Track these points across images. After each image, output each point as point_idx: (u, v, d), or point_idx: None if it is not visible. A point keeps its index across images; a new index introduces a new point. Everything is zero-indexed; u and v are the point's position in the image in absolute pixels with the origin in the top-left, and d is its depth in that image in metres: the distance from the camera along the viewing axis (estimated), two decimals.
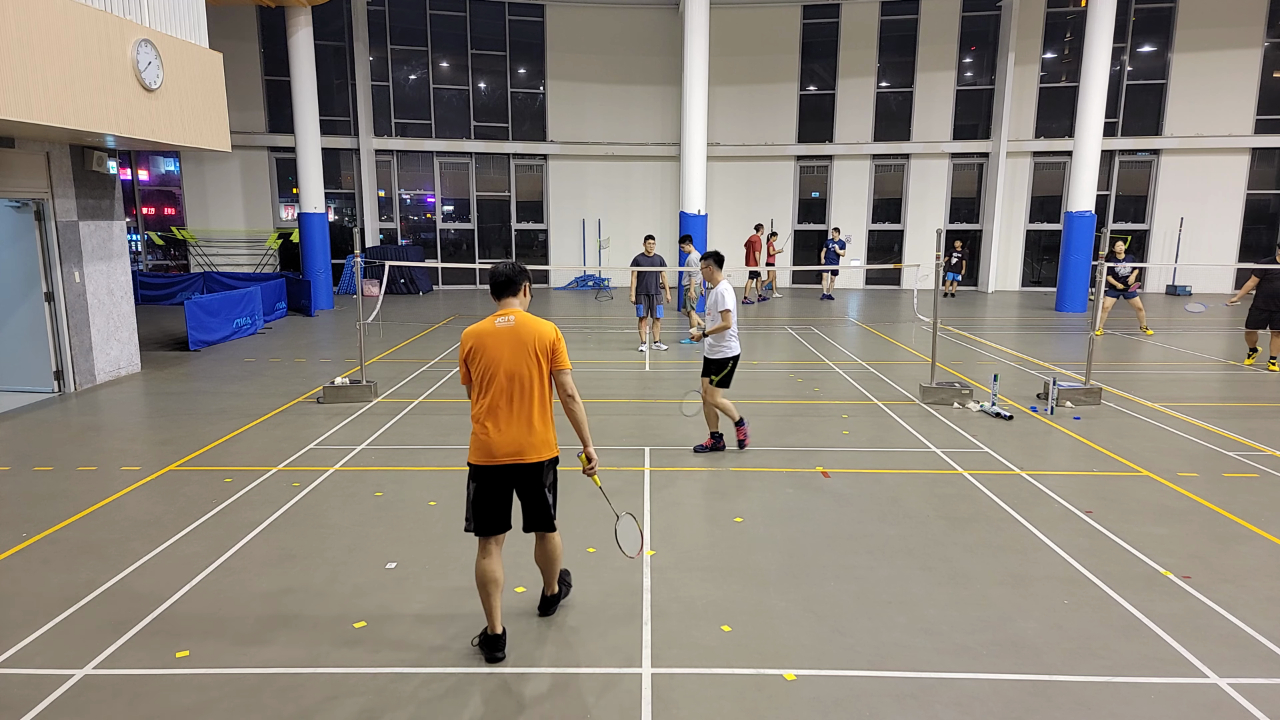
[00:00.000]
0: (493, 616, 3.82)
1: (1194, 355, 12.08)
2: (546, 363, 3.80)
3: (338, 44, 20.78)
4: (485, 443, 3.76)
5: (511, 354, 3.73)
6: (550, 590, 4.25)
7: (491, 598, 3.80)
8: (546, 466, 3.88)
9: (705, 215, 16.72)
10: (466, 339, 3.81)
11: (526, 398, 3.75)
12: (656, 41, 21.72)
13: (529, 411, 3.77)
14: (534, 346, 3.76)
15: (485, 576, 3.80)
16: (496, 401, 3.74)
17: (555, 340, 3.82)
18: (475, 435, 3.79)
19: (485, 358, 3.75)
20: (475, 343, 3.78)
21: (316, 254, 17.33)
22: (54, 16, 7.24)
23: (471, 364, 3.79)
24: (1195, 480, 6.39)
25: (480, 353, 3.76)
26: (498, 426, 3.74)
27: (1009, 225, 21.98)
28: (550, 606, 4.25)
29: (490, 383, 3.74)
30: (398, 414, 8.37)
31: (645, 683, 3.66)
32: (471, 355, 3.79)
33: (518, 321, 3.78)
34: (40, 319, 9.21)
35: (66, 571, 4.75)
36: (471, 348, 3.78)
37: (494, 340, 3.76)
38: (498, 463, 3.76)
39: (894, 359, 11.72)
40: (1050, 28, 21.21)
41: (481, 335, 3.78)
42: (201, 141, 9.52)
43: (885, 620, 4.21)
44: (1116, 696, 3.57)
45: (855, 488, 6.22)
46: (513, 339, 3.75)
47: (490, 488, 3.82)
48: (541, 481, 3.88)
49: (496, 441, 3.74)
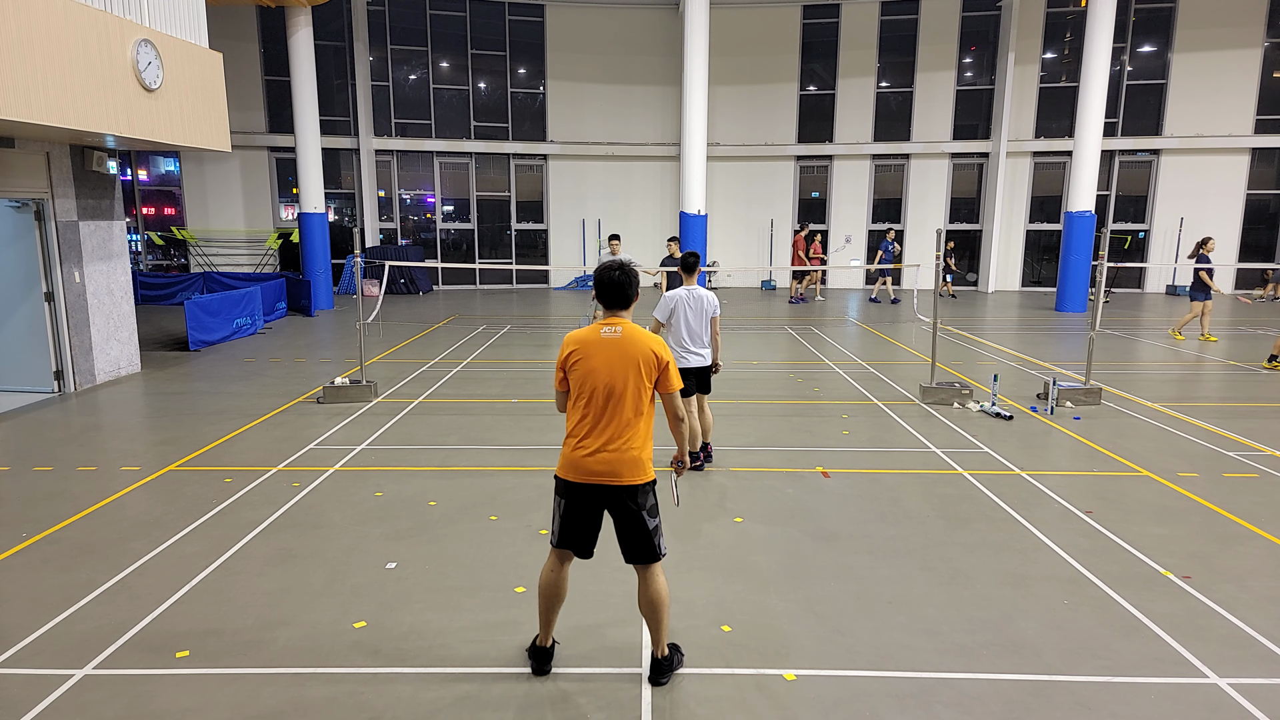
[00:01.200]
0: (548, 630, 3.70)
1: (1194, 355, 12.08)
2: (652, 381, 3.54)
3: (338, 44, 20.78)
4: (575, 459, 3.50)
5: (615, 368, 3.47)
6: (659, 651, 3.65)
7: (551, 611, 3.66)
8: (643, 489, 3.53)
9: (705, 215, 16.72)
10: (568, 344, 3.55)
11: (624, 415, 3.47)
12: (656, 41, 21.72)
13: (626, 430, 3.48)
14: (641, 362, 3.49)
15: (551, 590, 3.63)
16: (592, 416, 3.48)
17: (668, 360, 3.55)
18: (565, 449, 3.56)
19: (586, 368, 3.49)
20: (578, 350, 3.52)
21: (316, 254, 17.34)
22: (54, 16, 7.24)
23: (570, 373, 3.55)
24: (1195, 480, 6.39)
25: (582, 362, 3.50)
26: (590, 443, 3.48)
27: (1009, 225, 21.99)
28: (661, 672, 3.64)
29: (588, 396, 3.49)
30: (398, 414, 8.37)
31: (645, 682, 3.66)
32: (571, 363, 3.54)
33: (624, 333, 3.51)
34: (40, 319, 9.21)
35: (66, 571, 4.74)
36: (572, 354, 3.53)
37: (598, 351, 3.49)
38: (588, 481, 3.49)
39: (894, 359, 11.72)
40: (1050, 28, 21.21)
41: (586, 344, 3.51)
42: (201, 141, 9.52)
43: (885, 620, 4.21)
44: (1116, 696, 3.57)
45: (855, 488, 6.22)
46: (619, 352, 3.48)
47: (581, 507, 3.54)
48: (638, 505, 3.51)
49: (586, 459, 3.48)
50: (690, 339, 6.33)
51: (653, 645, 3.70)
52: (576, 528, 3.57)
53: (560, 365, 3.59)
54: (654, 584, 3.57)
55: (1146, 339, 13.54)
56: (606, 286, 3.58)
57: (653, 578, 3.57)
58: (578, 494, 3.53)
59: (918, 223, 22.28)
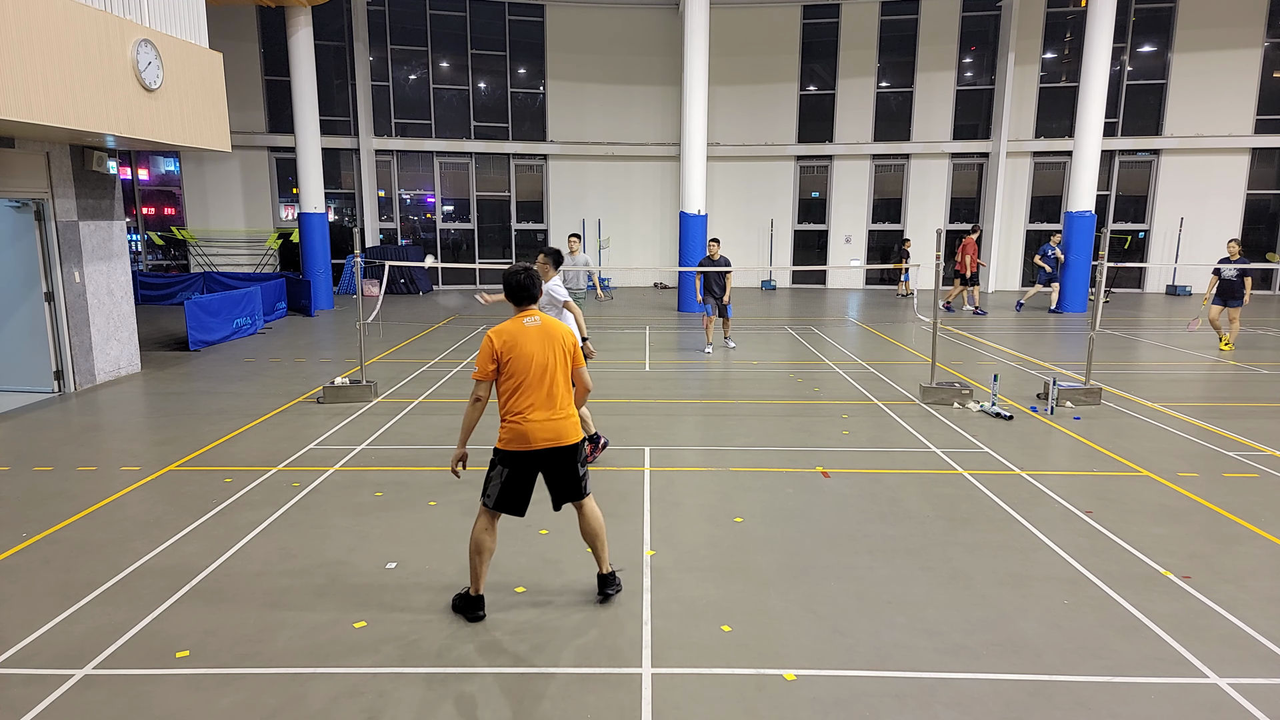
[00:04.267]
0: (480, 581, 4.18)
1: (1194, 355, 12.07)
2: (570, 358, 4.18)
3: (338, 44, 20.78)
4: (523, 431, 4.02)
5: (543, 350, 4.07)
6: (604, 568, 4.38)
7: (484, 564, 4.17)
8: (579, 446, 4.18)
9: (705, 215, 16.73)
10: (498, 336, 4.05)
11: (558, 388, 4.10)
12: (656, 41, 21.72)
13: (561, 400, 4.11)
14: (562, 342, 4.14)
15: (483, 545, 4.14)
16: (532, 393, 4.03)
17: (576, 341, 4.25)
18: (511, 425, 4.04)
19: (520, 354, 4.03)
20: (508, 340, 4.05)
21: (316, 254, 17.34)
22: (54, 16, 7.24)
23: (504, 360, 4.04)
24: (1195, 480, 6.39)
25: (514, 349, 4.03)
26: (536, 416, 4.03)
27: (1009, 225, 21.99)
28: (608, 584, 4.38)
29: (525, 376, 4.03)
30: (398, 414, 8.37)
31: (645, 683, 3.66)
32: (504, 352, 4.03)
33: (544, 321, 4.15)
34: (40, 319, 9.21)
35: (66, 571, 4.74)
36: (504, 344, 4.04)
37: (526, 337, 4.06)
38: (535, 448, 4.04)
39: (894, 359, 11.72)
40: (1050, 28, 21.21)
41: (514, 334, 4.06)
42: (201, 141, 9.52)
43: (885, 620, 4.21)
44: (1116, 696, 3.57)
45: (855, 488, 6.22)
46: (544, 336, 4.10)
47: (522, 472, 4.09)
48: (575, 460, 4.17)
49: (536, 429, 4.02)
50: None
51: (599, 565, 4.38)
52: (516, 492, 4.11)
53: (492, 356, 4.06)
54: (590, 515, 4.29)
55: (1147, 339, 13.53)
56: (514, 288, 4.19)
57: (589, 510, 4.29)
58: (523, 461, 4.08)
59: (918, 223, 22.27)
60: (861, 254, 22.75)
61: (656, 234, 22.90)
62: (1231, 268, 12.05)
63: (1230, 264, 12.07)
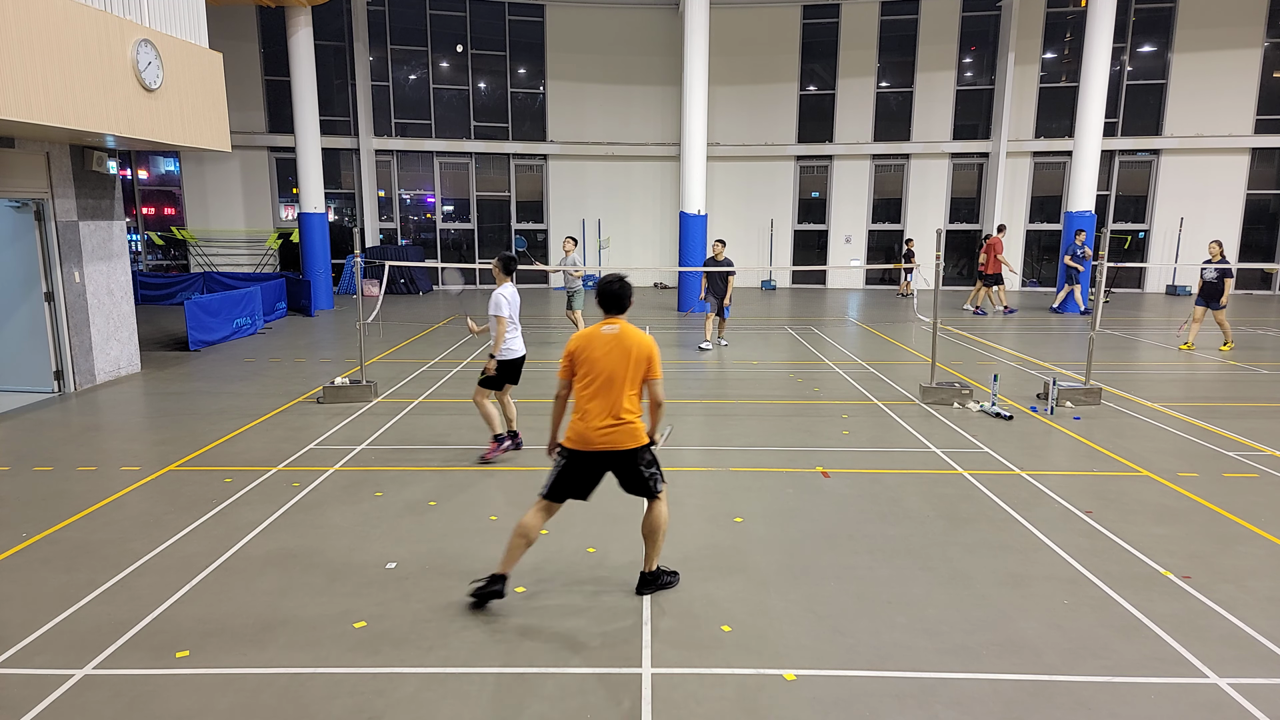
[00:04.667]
0: (512, 564, 4.32)
1: (1194, 355, 12.07)
2: (643, 370, 4.25)
3: (338, 44, 20.78)
4: (582, 431, 4.21)
5: (611, 357, 4.20)
6: (648, 567, 4.48)
7: (521, 549, 4.30)
8: (641, 451, 4.28)
9: (705, 215, 16.73)
10: (576, 339, 4.29)
11: (621, 395, 4.20)
12: (656, 41, 21.72)
13: (624, 407, 4.20)
14: (635, 353, 4.22)
15: (529, 530, 4.28)
16: (596, 397, 4.19)
17: (653, 352, 4.28)
18: (574, 424, 4.26)
19: (589, 358, 4.22)
20: (583, 344, 4.25)
21: (316, 254, 17.33)
22: (54, 16, 7.24)
23: (576, 361, 4.26)
24: (1195, 480, 6.39)
25: (585, 353, 4.23)
26: (595, 420, 4.19)
27: (1010, 225, 21.94)
28: (647, 586, 4.47)
29: (590, 380, 4.21)
30: (398, 414, 8.37)
31: (645, 683, 3.66)
32: (577, 354, 4.25)
33: (621, 330, 4.25)
34: (40, 319, 9.21)
35: (66, 571, 4.74)
36: (578, 347, 4.26)
37: (599, 344, 4.22)
38: (592, 449, 4.20)
39: (894, 359, 11.72)
40: (1050, 28, 21.21)
41: (589, 339, 4.26)
42: (201, 141, 9.52)
43: (885, 620, 4.21)
44: (1116, 696, 3.57)
45: (855, 488, 6.22)
46: (616, 345, 4.21)
47: (579, 468, 4.26)
48: (637, 464, 4.28)
49: (592, 433, 4.19)
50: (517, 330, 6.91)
51: (645, 562, 4.48)
52: (569, 486, 4.28)
53: (568, 355, 4.28)
54: (654, 512, 4.39)
55: (1147, 339, 13.53)
56: (606, 297, 4.33)
57: (655, 507, 4.39)
58: (581, 460, 4.23)
59: (918, 223, 22.27)
60: (861, 254, 22.75)
61: (656, 234, 22.90)
62: (1211, 268, 12.05)
63: (1210, 264, 12.09)
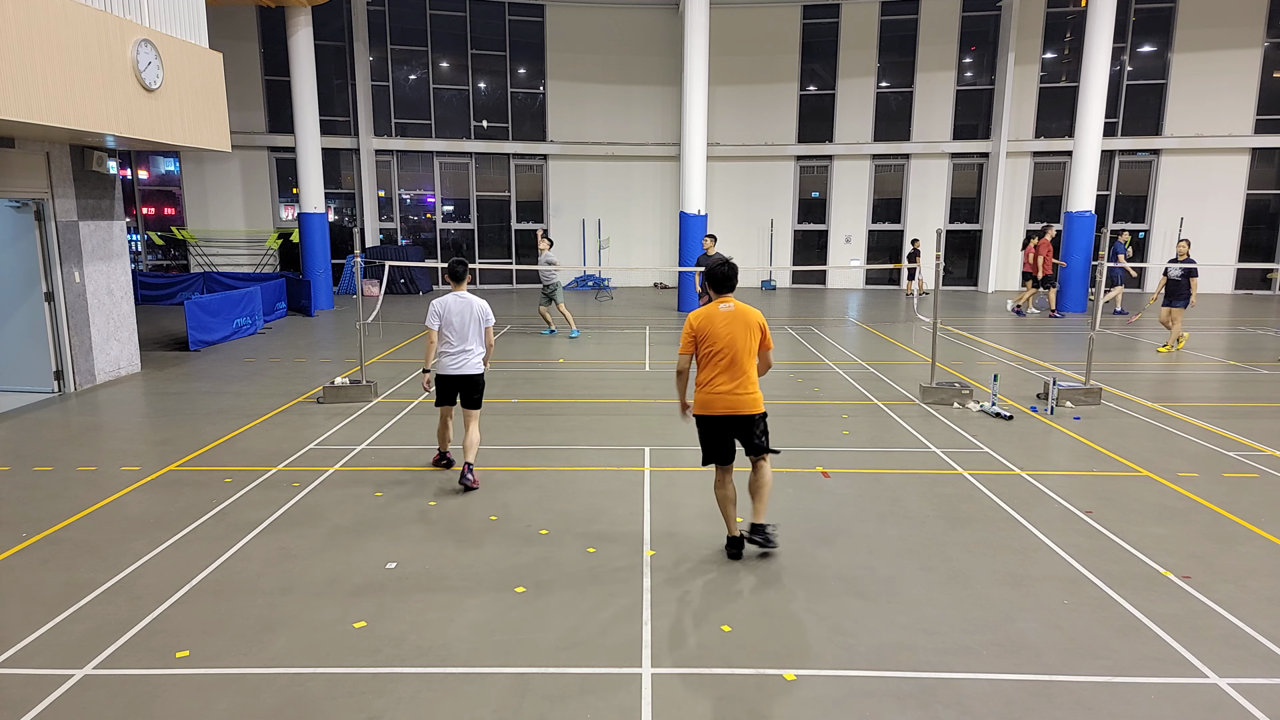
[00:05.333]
0: (732, 524, 4.93)
1: (1194, 355, 12.08)
2: (758, 341, 4.81)
3: (338, 44, 20.78)
4: (707, 400, 4.77)
5: (731, 330, 4.72)
6: (758, 518, 4.94)
7: (729, 512, 4.91)
8: (758, 418, 4.84)
9: (705, 215, 16.73)
10: (696, 318, 4.78)
11: (741, 366, 4.75)
12: (656, 41, 21.72)
13: (745, 376, 4.76)
14: (751, 326, 4.77)
15: (723, 496, 4.90)
16: (719, 368, 4.73)
17: (764, 322, 4.86)
18: (700, 395, 4.79)
19: (712, 334, 4.73)
20: (705, 322, 4.75)
21: (316, 254, 17.33)
22: (54, 16, 7.24)
23: (700, 339, 4.75)
24: (1195, 480, 6.39)
25: (708, 330, 4.73)
26: (719, 388, 4.74)
27: (1009, 225, 21.98)
28: (758, 533, 4.90)
29: (716, 354, 4.71)
30: (398, 414, 8.37)
31: (645, 683, 3.66)
32: (700, 331, 4.75)
33: (737, 308, 4.79)
34: (40, 319, 9.21)
35: (66, 571, 4.74)
36: (701, 325, 4.75)
37: (719, 320, 4.73)
38: (716, 414, 4.76)
39: (894, 359, 11.72)
40: (1050, 28, 21.21)
41: (710, 317, 4.76)
42: (201, 141, 9.52)
43: (885, 620, 4.21)
44: (1116, 696, 3.57)
45: (855, 488, 6.22)
46: (735, 319, 4.76)
47: (712, 432, 4.84)
48: (754, 429, 4.84)
49: (717, 400, 4.74)
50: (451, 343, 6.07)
51: (755, 515, 4.96)
52: (716, 447, 4.87)
53: (690, 333, 4.79)
54: (760, 471, 4.95)
55: (1147, 339, 13.53)
56: (718, 279, 4.86)
57: (763, 466, 4.95)
58: (710, 424, 4.82)
59: (918, 223, 22.27)
60: (861, 254, 22.75)
61: (656, 234, 22.90)
62: (1177, 267, 12.03)
63: (1176, 264, 12.09)
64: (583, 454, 7.09)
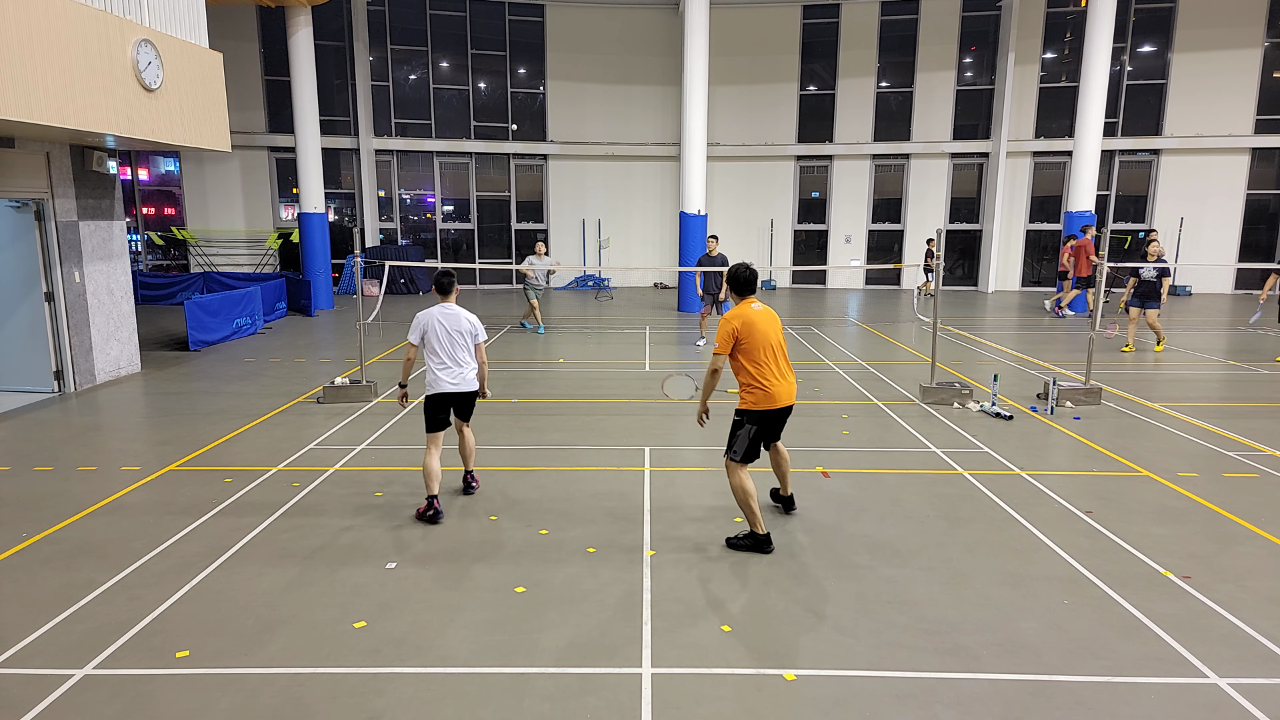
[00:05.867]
0: (758, 520, 5.03)
1: (1193, 355, 12.07)
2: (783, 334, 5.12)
3: (338, 44, 20.78)
4: (772, 394, 4.95)
5: (769, 327, 4.99)
6: (786, 490, 5.62)
7: (754, 505, 5.01)
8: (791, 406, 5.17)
9: (705, 215, 16.73)
10: (736, 320, 4.93)
11: (786, 357, 5.08)
12: (656, 41, 21.72)
13: (788, 367, 5.09)
14: (779, 323, 5.11)
15: (749, 489, 5.01)
16: (771, 364, 4.95)
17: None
18: (759, 391, 4.94)
19: (755, 332, 4.90)
20: (746, 323, 4.92)
21: (316, 254, 17.34)
22: (54, 16, 7.23)
23: (742, 339, 4.90)
24: (1195, 480, 6.39)
25: (750, 330, 4.90)
26: (780, 382, 4.97)
27: (1009, 225, 21.99)
28: (791, 504, 5.63)
29: (764, 351, 4.92)
30: (398, 414, 8.37)
31: (645, 683, 3.66)
32: (743, 332, 4.90)
33: (764, 306, 5.07)
34: (40, 319, 9.21)
35: (66, 571, 4.74)
36: (743, 326, 4.91)
37: (758, 319, 4.95)
38: (780, 405, 5.00)
39: (894, 359, 11.72)
40: (1050, 28, 21.21)
41: (748, 317, 4.94)
42: (201, 141, 9.52)
43: (885, 620, 4.21)
44: (1116, 696, 3.57)
45: (855, 488, 6.22)
46: (769, 318, 5.04)
47: (767, 427, 5.08)
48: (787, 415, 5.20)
49: (781, 391, 4.98)
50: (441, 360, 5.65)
51: (783, 488, 5.61)
52: (759, 444, 5.07)
53: (733, 335, 4.93)
54: (782, 452, 5.47)
55: (1146, 339, 13.52)
56: (743, 282, 5.07)
57: (781, 448, 5.45)
58: (770, 418, 5.05)
59: (918, 223, 22.28)
60: (861, 254, 22.75)
61: (656, 234, 22.91)
62: (1150, 268, 12.00)
63: (1149, 264, 12.06)
64: (583, 454, 7.09)
